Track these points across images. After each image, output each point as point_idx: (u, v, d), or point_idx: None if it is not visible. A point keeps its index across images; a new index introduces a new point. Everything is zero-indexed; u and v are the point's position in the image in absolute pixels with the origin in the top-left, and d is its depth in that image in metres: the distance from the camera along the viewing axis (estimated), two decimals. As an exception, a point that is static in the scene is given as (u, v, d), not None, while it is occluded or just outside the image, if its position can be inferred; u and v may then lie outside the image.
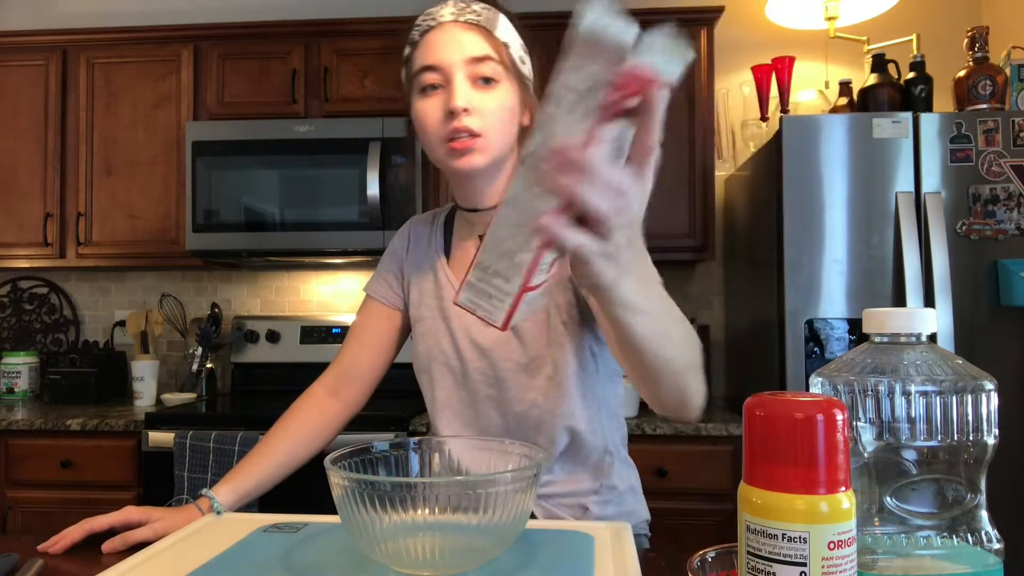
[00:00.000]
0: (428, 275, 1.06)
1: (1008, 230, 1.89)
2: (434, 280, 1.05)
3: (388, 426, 2.06)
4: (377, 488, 0.61)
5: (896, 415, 0.52)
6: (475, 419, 1.01)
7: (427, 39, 0.92)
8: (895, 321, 0.55)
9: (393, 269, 1.11)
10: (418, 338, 1.05)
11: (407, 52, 0.96)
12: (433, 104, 0.90)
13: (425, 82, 0.91)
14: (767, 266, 2.07)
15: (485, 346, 0.98)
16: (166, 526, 0.88)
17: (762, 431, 0.47)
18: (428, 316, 1.04)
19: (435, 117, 0.90)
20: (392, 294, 1.10)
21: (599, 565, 0.70)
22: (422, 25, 0.94)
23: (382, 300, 1.10)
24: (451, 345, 1.01)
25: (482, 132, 0.90)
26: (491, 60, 0.90)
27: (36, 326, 2.86)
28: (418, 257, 1.08)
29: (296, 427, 1.05)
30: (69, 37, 2.54)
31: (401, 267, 1.10)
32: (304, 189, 2.37)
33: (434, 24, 0.92)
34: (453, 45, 0.89)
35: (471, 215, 1.02)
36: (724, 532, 2.00)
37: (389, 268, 1.11)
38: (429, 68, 0.90)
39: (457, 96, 0.88)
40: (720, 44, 2.57)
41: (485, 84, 0.90)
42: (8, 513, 2.17)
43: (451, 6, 0.93)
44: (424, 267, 1.07)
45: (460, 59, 0.89)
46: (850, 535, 0.45)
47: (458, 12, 0.92)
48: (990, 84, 2.00)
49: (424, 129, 0.92)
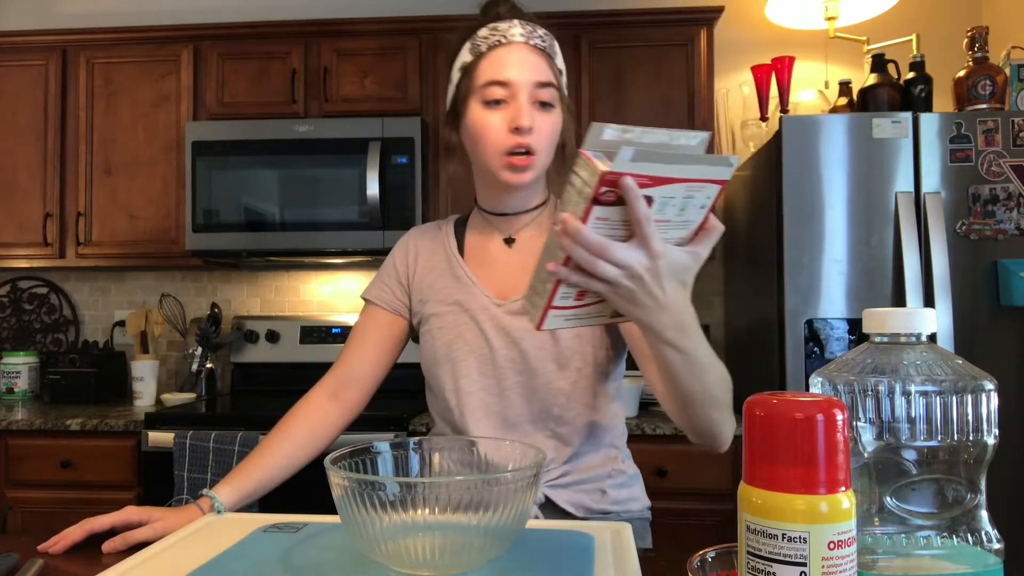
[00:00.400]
0: (444, 274, 1.09)
1: (1008, 230, 1.89)
2: (451, 277, 1.08)
3: (388, 426, 2.06)
4: (377, 488, 0.61)
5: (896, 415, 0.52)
6: (501, 407, 1.03)
7: (497, 54, 0.97)
8: (895, 321, 0.55)
9: (395, 276, 1.13)
10: (435, 332, 1.06)
11: (468, 59, 1.00)
12: (497, 117, 0.97)
13: (492, 95, 0.97)
14: (767, 266, 2.07)
15: (516, 335, 1.02)
16: (166, 526, 0.88)
17: (762, 431, 0.47)
18: (447, 310, 1.06)
19: (498, 129, 0.97)
20: (395, 300, 1.12)
21: (599, 565, 0.71)
22: (490, 38, 0.99)
23: (384, 305, 1.12)
24: (478, 334, 1.04)
25: (537, 151, 0.97)
26: (552, 86, 0.98)
27: (36, 326, 2.86)
28: (429, 260, 1.11)
29: (297, 429, 1.06)
30: (69, 37, 2.54)
31: (406, 274, 1.12)
32: (304, 189, 2.37)
33: (504, 41, 0.98)
34: (523, 66, 0.96)
35: (496, 219, 1.09)
36: (724, 532, 2.00)
37: (391, 275, 1.13)
38: (499, 83, 0.96)
39: (525, 116, 0.95)
40: (720, 44, 2.57)
41: (542, 107, 0.98)
42: (8, 513, 2.17)
43: (519, 27, 0.99)
44: (438, 267, 1.10)
45: (528, 81, 0.96)
46: (850, 535, 0.45)
47: (527, 34, 0.98)
48: (990, 84, 2.00)
49: (483, 138, 0.98)
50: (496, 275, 1.07)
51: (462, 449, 0.81)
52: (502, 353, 1.02)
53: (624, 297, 0.69)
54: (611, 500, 1.05)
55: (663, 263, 0.67)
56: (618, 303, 0.70)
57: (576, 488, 1.04)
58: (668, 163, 0.60)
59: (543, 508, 1.02)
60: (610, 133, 0.61)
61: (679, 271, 0.69)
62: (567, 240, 0.64)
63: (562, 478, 1.03)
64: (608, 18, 2.38)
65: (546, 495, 1.02)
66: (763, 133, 2.41)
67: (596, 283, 0.67)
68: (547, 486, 1.02)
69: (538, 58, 0.98)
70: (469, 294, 1.06)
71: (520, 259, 1.07)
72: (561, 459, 1.03)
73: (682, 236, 0.69)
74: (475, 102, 0.98)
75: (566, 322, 0.72)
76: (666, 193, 0.63)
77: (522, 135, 0.95)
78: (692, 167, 0.61)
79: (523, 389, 1.02)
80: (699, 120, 2.35)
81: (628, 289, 0.68)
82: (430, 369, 1.08)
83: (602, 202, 0.62)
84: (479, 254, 1.10)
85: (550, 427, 1.03)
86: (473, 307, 1.05)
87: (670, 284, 0.69)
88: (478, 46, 0.99)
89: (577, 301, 0.70)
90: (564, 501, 1.02)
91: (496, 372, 1.03)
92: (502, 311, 1.03)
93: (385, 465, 0.77)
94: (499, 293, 1.06)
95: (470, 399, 1.03)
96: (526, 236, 1.09)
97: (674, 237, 0.68)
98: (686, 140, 0.63)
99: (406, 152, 2.34)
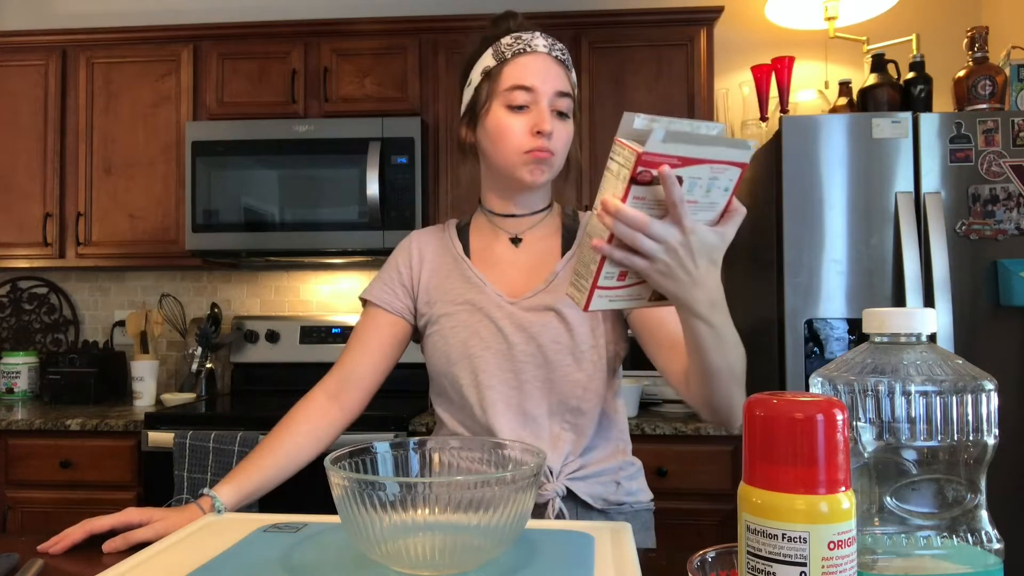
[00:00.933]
0: (452, 275, 1.10)
1: (1008, 230, 1.89)
2: (460, 278, 1.09)
3: (388, 426, 2.06)
4: (377, 488, 0.61)
5: (896, 415, 0.52)
6: (520, 399, 1.05)
7: (522, 61, 1.02)
8: (895, 321, 0.55)
9: (398, 278, 1.13)
10: (448, 332, 1.07)
11: (492, 63, 1.04)
12: (520, 120, 1.02)
13: (516, 100, 1.01)
14: (767, 266, 2.07)
15: (533, 330, 1.04)
16: (167, 526, 0.88)
17: (762, 431, 0.47)
18: (458, 310, 1.07)
19: (520, 131, 1.02)
20: (397, 301, 1.12)
21: (599, 565, 0.71)
22: (514, 46, 1.03)
23: (386, 307, 1.12)
24: (494, 331, 1.05)
25: (554, 154, 1.02)
26: (569, 97, 1.04)
27: (36, 326, 2.86)
28: (435, 262, 1.13)
29: (298, 429, 1.06)
30: (69, 37, 2.54)
31: (410, 276, 1.13)
32: (304, 189, 2.37)
33: (529, 50, 1.03)
34: (547, 75, 1.02)
35: (502, 220, 1.12)
36: (724, 532, 2.00)
37: (393, 277, 1.14)
38: (524, 88, 1.01)
39: (547, 120, 1.00)
40: (720, 44, 2.57)
41: (559, 116, 1.03)
42: (8, 513, 2.17)
43: (541, 38, 1.04)
44: (445, 268, 1.12)
45: (551, 89, 1.02)
46: (850, 535, 0.45)
47: (549, 45, 1.04)
48: (990, 84, 2.00)
49: (505, 139, 1.02)
50: (505, 274, 1.09)
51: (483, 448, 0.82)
52: (520, 348, 1.04)
53: (662, 272, 0.74)
54: (625, 491, 1.09)
55: (695, 239, 0.73)
56: (656, 280, 0.75)
57: (593, 480, 1.07)
58: (695, 144, 0.66)
59: (565, 500, 1.04)
60: (640, 122, 0.67)
61: (709, 249, 0.75)
62: (609, 218, 0.70)
63: (580, 470, 1.06)
64: (608, 18, 2.38)
65: (567, 487, 1.04)
66: (763, 133, 2.41)
67: (637, 259, 0.73)
68: (568, 478, 1.04)
69: (559, 69, 1.04)
70: (480, 293, 1.07)
71: (527, 258, 1.09)
72: (577, 451, 1.06)
73: (710, 218, 0.75)
74: (498, 105, 1.03)
75: (611, 303, 0.78)
76: (694, 174, 0.69)
77: (543, 138, 1.00)
78: (716, 149, 0.68)
79: (541, 383, 1.04)
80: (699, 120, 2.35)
81: (665, 263, 0.73)
82: (443, 369, 1.08)
83: (639, 181, 0.68)
84: (486, 255, 1.11)
85: (568, 419, 1.06)
86: (487, 305, 1.06)
87: (702, 260, 0.74)
88: (502, 52, 1.03)
89: (620, 281, 0.76)
90: (584, 493, 1.05)
91: (515, 366, 1.04)
92: (517, 308, 1.05)
93: (385, 465, 0.77)
94: (510, 291, 1.07)
95: (491, 392, 1.04)
96: (533, 236, 1.11)
97: (703, 219, 0.74)
98: (706, 130, 0.70)
99: (406, 152, 2.34)
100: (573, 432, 1.06)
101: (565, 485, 1.03)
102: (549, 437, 1.05)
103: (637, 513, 1.10)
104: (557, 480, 1.03)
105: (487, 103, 1.04)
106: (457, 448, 0.82)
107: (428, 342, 1.11)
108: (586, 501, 1.05)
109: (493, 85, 1.03)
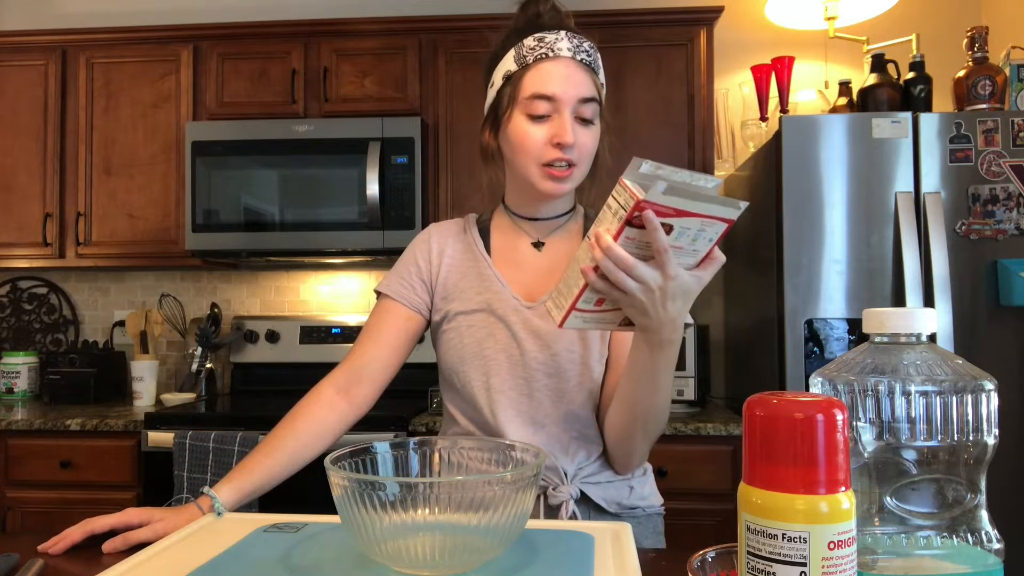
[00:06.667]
0: (471, 272, 1.09)
1: (1008, 230, 1.89)
2: (479, 276, 1.08)
3: (388, 426, 2.06)
4: (377, 488, 0.61)
5: (896, 415, 0.52)
6: (530, 407, 1.04)
7: (544, 67, 0.98)
8: (895, 321, 0.55)
9: (417, 273, 1.11)
10: (463, 330, 1.06)
11: (513, 68, 1.01)
12: (540, 130, 0.99)
13: (536, 110, 0.98)
14: (767, 266, 2.07)
15: (548, 339, 1.04)
16: (167, 526, 0.88)
17: (762, 431, 0.47)
18: (475, 309, 1.06)
19: (539, 141, 0.99)
20: (415, 296, 1.10)
21: (599, 565, 0.71)
22: (537, 50, 0.99)
23: (403, 301, 1.10)
24: (508, 336, 1.04)
25: (576, 164, 1.00)
26: (594, 102, 1.00)
27: (36, 326, 2.86)
28: (455, 258, 1.11)
29: (303, 426, 1.04)
30: (68, 37, 2.54)
31: (428, 271, 1.11)
32: (304, 189, 2.37)
33: (551, 55, 0.99)
34: (569, 82, 0.98)
35: (525, 222, 1.11)
36: (724, 532, 2.00)
37: (412, 271, 1.12)
38: (544, 97, 0.98)
39: (568, 132, 0.97)
40: (720, 44, 2.57)
41: (583, 123, 1.00)
42: (8, 513, 2.17)
43: (566, 40, 0.99)
44: (465, 265, 1.10)
45: (573, 97, 0.98)
46: (850, 535, 0.45)
47: (574, 48, 0.99)
48: (989, 84, 2.00)
49: (524, 148, 1.00)
50: (525, 277, 1.08)
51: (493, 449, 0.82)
52: (532, 355, 1.03)
53: (636, 308, 0.81)
54: (638, 496, 1.08)
55: (674, 284, 0.78)
56: (630, 311, 0.82)
57: (608, 485, 1.06)
58: (691, 199, 0.72)
59: (579, 503, 1.03)
60: (647, 168, 0.74)
61: (685, 291, 0.81)
62: (599, 252, 0.76)
63: (594, 475, 1.05)
64: (608, 18, 2.38)
65: (582, 490, 1.03)
66: (763, 133, 2.41)
67: (617, 292, 0.79)
68: (583, 482, 1.04)
69: (583, 74, 0.99)
70: (498, 295, 1.06)
71: (549, 263, 1.08)
72: (591, 457, 1.06)
73: (690, 263, 0.81)
74: (518, 113, 1.00)
75: (584, 323, 0.85)
76: (685, 224, 0.75)
77: (564, 149, 0.98)
78: (709, 205, 0.74)
79: (552, 392, 1.04)
80: (699, 120, 2.35)
81: (641, 302, 0.79)
82: (455, 366, 1.07)
83: (633, 225, 0.74)
84: (508, 255, 1.10)
85: (577, 428, 1.05)
86: (504, 309, 1.05)
87: (675, 303, 0.81)
88: (524, 57, 1.00)
89: (597, 307, 0.83)
90: (599, 497, 1.04)
91: (527, 373, 1.04)
92: (533, 314, 1.04)
93: (385, 465, 0.77)
94: (528, 295, 1.06)
95: (501, 397, 1.04)
96: (555, 241, 1.10)
97: (684, 263, 0.80)
98: (704, 182, 0.76)
99: (406, 152, 2.34)
100: (583, 440, 1.05)
101: (580, 488, 1.03)
102: (560, 445, 1.04)
103: (649, 517, 1.10)
104: (571, 483, 1.02)
105: (508, 110, 1.01)
106: (467, 448, 0.83)
107: (443, 338, 1.09)
108: (600, 505, 1.04)
109: (514, 92, 1.00)
